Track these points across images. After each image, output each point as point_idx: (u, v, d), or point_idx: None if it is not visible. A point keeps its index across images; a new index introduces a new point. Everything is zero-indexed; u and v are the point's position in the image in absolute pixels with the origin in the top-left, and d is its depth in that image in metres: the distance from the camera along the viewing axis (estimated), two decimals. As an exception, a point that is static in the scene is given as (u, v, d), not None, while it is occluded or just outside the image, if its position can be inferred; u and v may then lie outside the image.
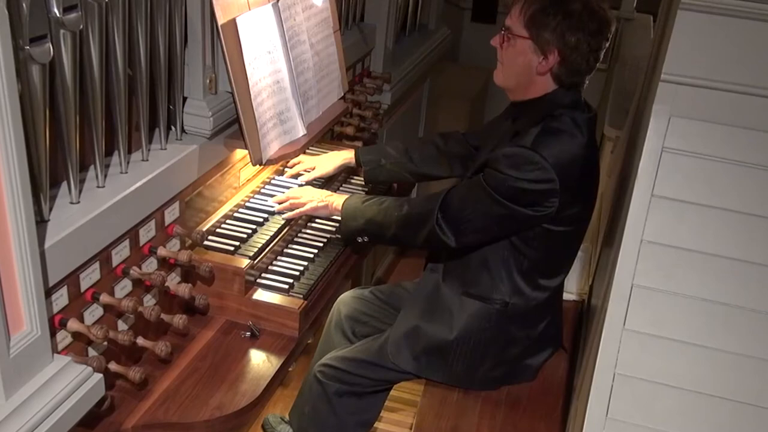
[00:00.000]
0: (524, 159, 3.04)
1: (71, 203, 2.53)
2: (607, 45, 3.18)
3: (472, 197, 3.19)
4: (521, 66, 3.20)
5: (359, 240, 3.47)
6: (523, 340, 3.42)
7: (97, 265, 2.60)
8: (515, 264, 3.30)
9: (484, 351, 3.39)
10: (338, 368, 3.60)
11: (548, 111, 3.17)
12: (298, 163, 3.89)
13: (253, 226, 3.41)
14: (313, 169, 3.88)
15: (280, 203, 3.59)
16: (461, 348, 3.40)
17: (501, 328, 3.37)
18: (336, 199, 3.56)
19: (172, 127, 3.06)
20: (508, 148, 3.11)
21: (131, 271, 2.75)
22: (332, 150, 4.08)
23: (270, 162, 3.42)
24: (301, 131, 3.63)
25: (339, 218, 3.53)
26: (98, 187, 2.65)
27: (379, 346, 3.58)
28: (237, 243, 3.28)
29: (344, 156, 3.93)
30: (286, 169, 3.89)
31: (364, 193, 3.95)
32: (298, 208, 3.56)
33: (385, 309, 3.92)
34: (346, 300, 4.00)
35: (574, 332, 3.97)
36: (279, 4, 3.43)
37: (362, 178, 3.97)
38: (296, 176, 3.87)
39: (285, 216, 3.54)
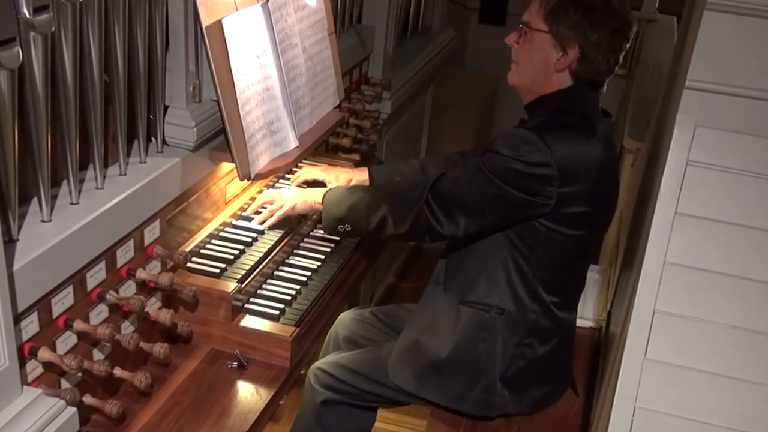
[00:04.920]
0: (522, 139, 3.11)
1: (42, 221, 2.53)
2: (628, 47, 3.24)
3: (465, 177, 3.24)
4: (538, 62, 3.27)
5: (340, 229, 3.50)
6: (519, 359, 3.41)
7: (70, 288, 2.59)
8: (514, 267, 3.31)
9: (480, 367, 3.40)
10: (331, 374, 3.65)
11: (561, 104, 3.25)
12: (301, 172, 3.92)
13: (241, 247, 3.41)
14: (318, 183, 3.89)
15: (257, 215, 3.63)
16: (456, 362, 3.41)
17: (495, 340, 3.38)
18: (314, 195, 3.61)
19: (153, 139, 3.06)
20: (509, 129, 3.21)
21: (108, 296, 2.75)
22: (327, 162, 4.10)
23: (259, 176, 3.42)
24: (292, 143, 3.63)
25: (322, 215, 3.55)
26: (72, 203, 2.65)
27: (375, 358, 3.63)
28: (223, 265, 3.27)
29: (359, 178, 3.91)
30: (281, 182, 3.91)
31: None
32: (275, 212, 3.60)
33: (385, 332, 3.94)
34: (344, 321, 4.03)
35: (590, 362, 3.96)
36: (269, 4, 3.44)
37: None
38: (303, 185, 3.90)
39: (265, 225, 3.57)
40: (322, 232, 3.67)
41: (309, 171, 3.91)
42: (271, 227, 3.58)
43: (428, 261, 6.30)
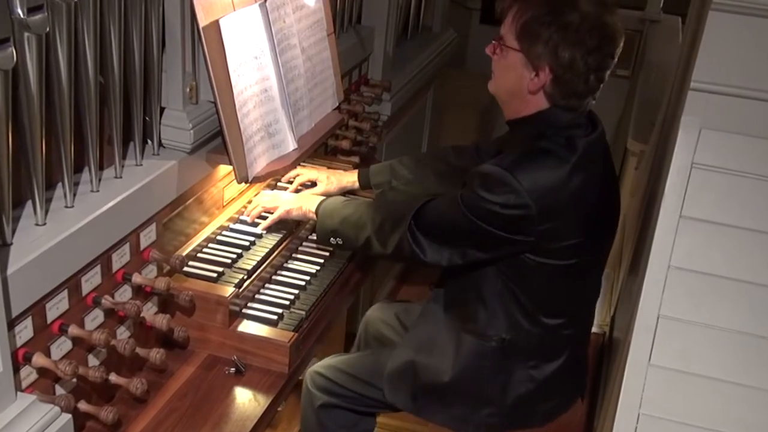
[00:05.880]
0: (497, 180, 3.02)
1: (37, 225, 2.53)
2: (613, 63, 3.08)
3: (447, 211, 3.21)
4: (512, 81, 3.17)
5: (332, 241, 3.51)
6: (526, 382, 3.38)
7: (65, 293, 2.59)
8: (512, 298, 3.26)
9: (484, 393, 3.38)
10: (329, 378, 3.66)
11: (541, 130, 3.14)
12: (297, 175, 3.93)
13: (239, 251, 3.41)
14: (313, 184, 3.93)
15: (250, 214, 3.64)
16: (459, 389, 3.39)
17: (500, 368, 3.35)
18: (310, 203, 3.61)
19: (149, 141, 3.06)
20: (486, 165, 3.10)
21: (103, 301, 2.75)
22: (327, 165, 4.10)
23: (257, 179, 3.42)
24: (291, 145, 3.63)
25: (316, 225, 3.57)
26: (66, 207, 2.64)
27: (374, 363, 3.64)
28: (220, 269, 3.27)
29: (348, 179, 3.97)
30: (279, 184, 3.91)
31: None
32: (270, 212, 3.62)
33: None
34: (371, 320, 4.12)
35: (594, 368, 3.96)
36: (267, 4, 3.44)
37: (360, 197, 3.97)
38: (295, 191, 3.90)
39: (261, 227, 3.59)
40: (320, 236, 3.69)
41: (304, 171, 3.92)
42: (269, 231, 3.58)
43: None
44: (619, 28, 3.06)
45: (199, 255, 3.34)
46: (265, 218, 3.62)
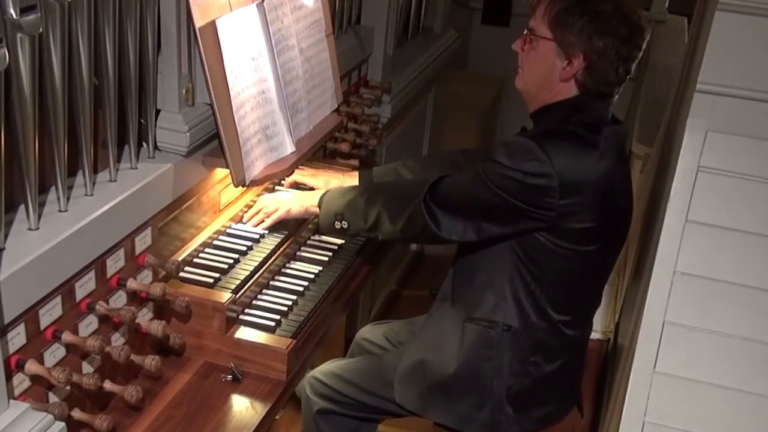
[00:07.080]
0: (521, 148, 3.08)
1: (29, 229, 2.52)
2: (640, 55, 3.20)
3: (465, 182, 3.24)
4: (543, 71, 3.24)
5: (337, 225, 3.53)
6: (524, 377, 3.39)
7: (58, 299, 2.59)
8: (522, 283, 3.28)
9: (487, 387, 3.39)
10: (327, 385, 3.69)
11: (566, 115, 3.21)
12: (294, 179, 3.96)
13: (236, 256, 3.41)
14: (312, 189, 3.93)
15: (251, 218, 3.66)
16: (462, 382, 3.40)
17: (503, 358, 3.36)
18: (310, 199, 3.65)
19: (144, 144, 3.06)
20: (510, 137, 3.19)
21: (97, 307, 2.74)
22: (325, 168, 4.10)
23: (254, 183, 3.42)
24: (289, 148, 3.63)
25: (320, 212, 3.60)
26: (60, 211, 2.64)
27: (374, 370, 3.66)
28: (217, 274, 3.27)
29: (348, 182, 3.94)
30: (277, 187, 3.92)
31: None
32: (271, 215, 3.63)
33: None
34: (359, 342, 4.13)
35: (597, 376, 3.95)
36: (264, 4, 3.44)
37: None
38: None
39: (259, 227, 3.60)
40: (319, 239, 3.69)
41: (299, 175, 3.92)
42: (269, 233, 3.58)
43: (429, 269, 6.30)
44: (645, 22, 3.23)
45: (196, 260, 3.34)
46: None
